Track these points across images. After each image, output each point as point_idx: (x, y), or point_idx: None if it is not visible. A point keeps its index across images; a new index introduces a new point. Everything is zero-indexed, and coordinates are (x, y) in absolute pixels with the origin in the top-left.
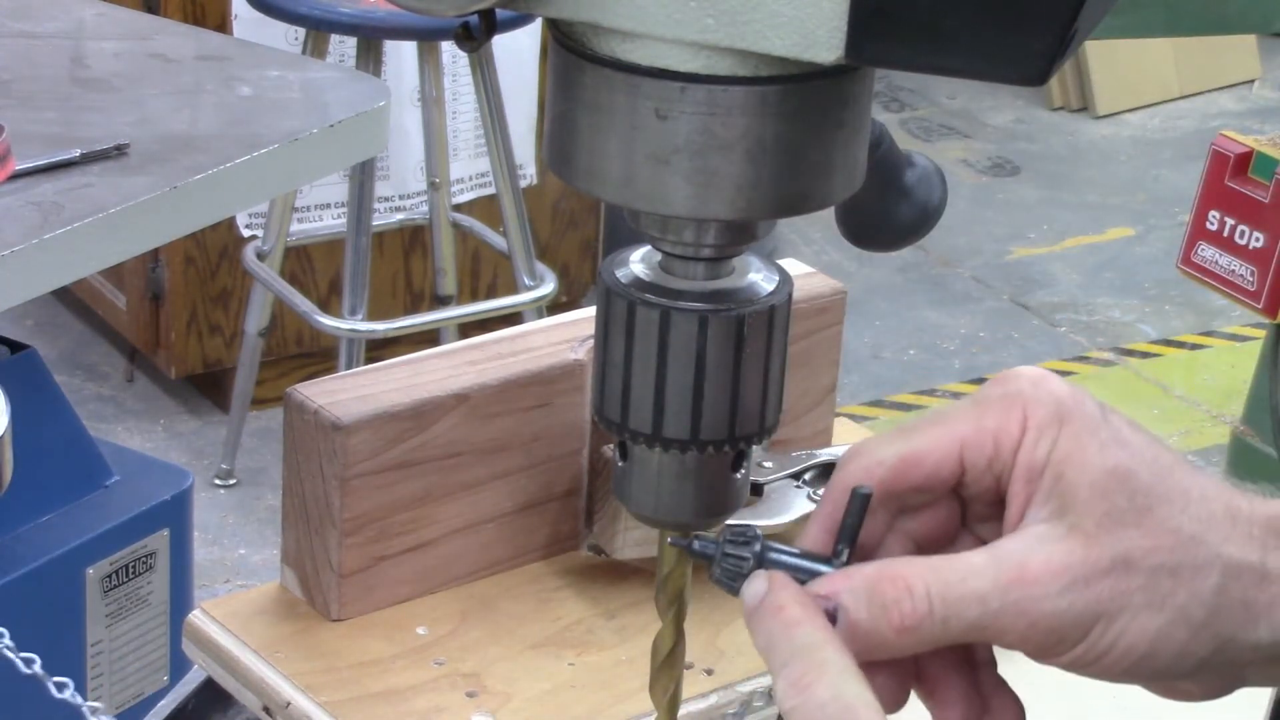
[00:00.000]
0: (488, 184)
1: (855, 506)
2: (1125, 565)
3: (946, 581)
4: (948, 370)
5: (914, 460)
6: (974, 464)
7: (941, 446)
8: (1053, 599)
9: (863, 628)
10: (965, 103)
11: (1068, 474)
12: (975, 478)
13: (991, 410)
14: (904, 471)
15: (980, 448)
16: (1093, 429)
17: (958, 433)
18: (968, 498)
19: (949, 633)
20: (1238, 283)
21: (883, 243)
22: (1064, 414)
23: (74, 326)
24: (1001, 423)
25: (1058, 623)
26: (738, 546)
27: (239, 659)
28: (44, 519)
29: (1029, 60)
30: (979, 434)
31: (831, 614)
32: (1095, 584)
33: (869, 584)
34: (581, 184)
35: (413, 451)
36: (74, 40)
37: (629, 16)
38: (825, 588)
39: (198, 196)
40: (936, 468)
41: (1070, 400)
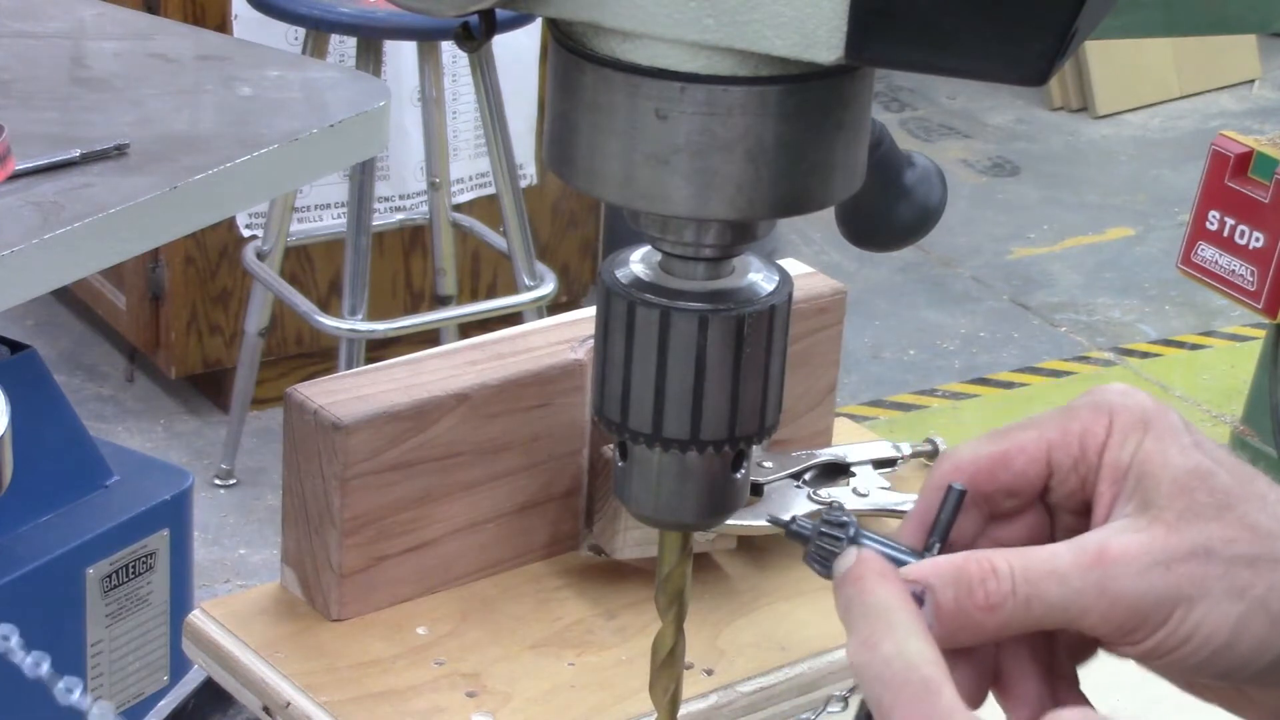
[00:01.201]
0: (488, 184)
1: (949, 502)
2: (1205, 553)
3: (1029, 562)
4: (948, 370)
5: (1003, 460)
6: (1060, 465)
7: (1030, 448)
8: (1133, 578)
9: (948, 608)
10: (965, 103)
11: (1151, 471)
12: (1061, 479)
13: (1079, 415)
14: (993, 471)
15: (1067, 449)
16: (1175, 434)
17: (1046, 435)
18: (1054, 506)
19: (1032, 613)
20: (1238, 283)
21: (883, 243)
22: (1149, 420)
23: (74, 326)
24: (1088, 426)
25: (1139, 602)
26: (833, 528)
27: (239, 659)
28: (44, 519)
29: (1029, 60)
30: (1066, 436)
31: (919, 597)
32: (1176, 568)
33: (955, 566)
34: (581, 184)
35: (413, 451)
36: (74, 40)
37: (629, 16)
38: (914, 573)
39: (198, 196)
40: (1025, 469)
41: (1155, 409)
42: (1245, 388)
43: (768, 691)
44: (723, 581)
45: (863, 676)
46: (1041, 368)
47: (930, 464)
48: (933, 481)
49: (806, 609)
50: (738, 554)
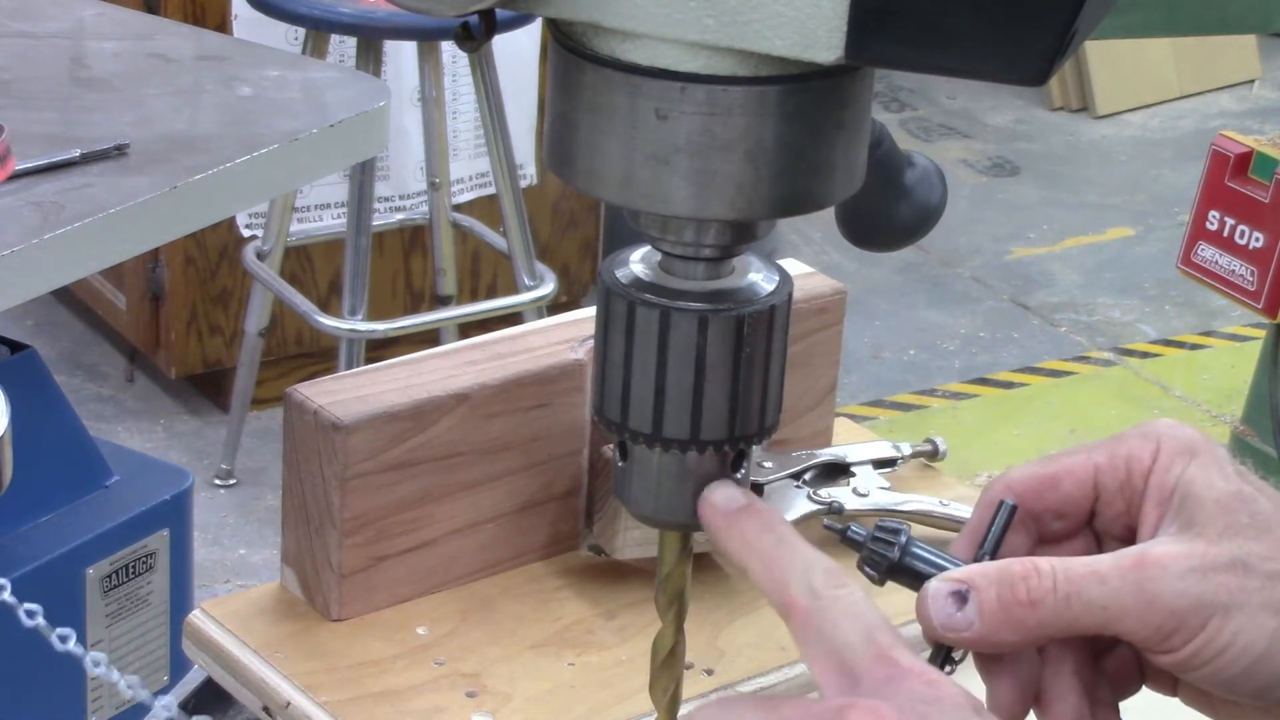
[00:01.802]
0: (488, 184)
1: (999, 517)
2: (1243, 566)
3: (1071, 564)
4: (948, 370)
5: (1052, 481)
6: (1106, 488)
7: (1078, 471)
8: (1172, 581)
9: (990, 605)
10: (965, 103)
11: (1195, 493)
12: (1108, 502)
13: (1127, 442)
14: (1041, 492)
15: (1114, 472)
16: (1220, 463)
17: (1094, 459)
18: (1101, 532)
19: (1071, 610)
20: (1238, 283)
21: (883, 243)
22: (1195, 448)
23: (74, 326)
24: (1135, 451)
25: (1175, 604)
26: (887, 534)
27: (239, 659)
28: (44, 519)
29: (1029, 60)
30: (1113, 460)
31: (962, 595)
32: (1213, 576)
33: (1000, 566)
34: (581, 184)
35: (413, 451)
36: (74, 40)
37: (629, 16)
38: (958, 574)
39: (198, 196)
40: (1073, 490)
41: (1201, 440)
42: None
43: (768, 691)
44: (723, 581)
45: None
46: (1041, 368)
47: (930, 464)
48: (985, 499)
49: None
50: None
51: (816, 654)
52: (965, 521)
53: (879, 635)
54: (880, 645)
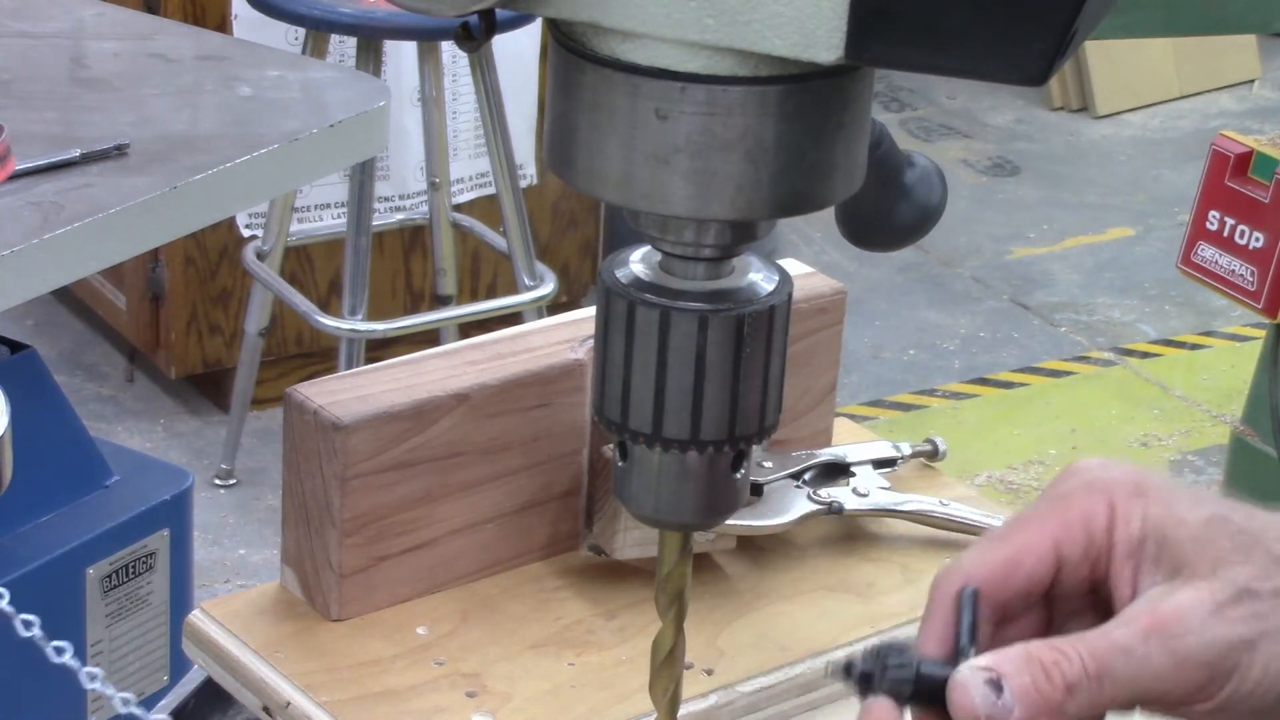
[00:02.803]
0: (488, 184)
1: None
2: (1249, 594)
3: (1090, 641)
4: (948, 370)
5: (1013, 565)
6: (1069, 557)
7: (1036, 547)
8: (1195, 633)
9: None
10: (965, 103)
11: (1168, 534)
12: (1071, 570)
13: (1074, 502)
14: (1006, 578)
15: (1073, 540)
16: (1172, 491)
17: (1048, 530)
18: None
19: (1105, 690)
20: (1238, 283)
21: (883, 243)
22: (1142, 486)
23: (74, 326)
24: (1087, 509)
25: (1206, 655)
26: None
27: (239, 659)
28: (44, 519)
29: (1029, 60)
30: (1067, 527)
31: (997, 683)
32: (1228, 612)
33: (1022, 652)
34: (581, 184)
35: (413, 451)
36: (74, 40)
37: (629, 16)
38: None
39: (198, 196)
40: (1035, 569)
41: (1141, 474)
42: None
43: (768, 691)
44: (723, 581)
45: None
46: (1041, 368)
47: (930, 464)
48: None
49: (806, 609)
50: (738, 554)
51: None
52: (966, 522)
53: None
54: None
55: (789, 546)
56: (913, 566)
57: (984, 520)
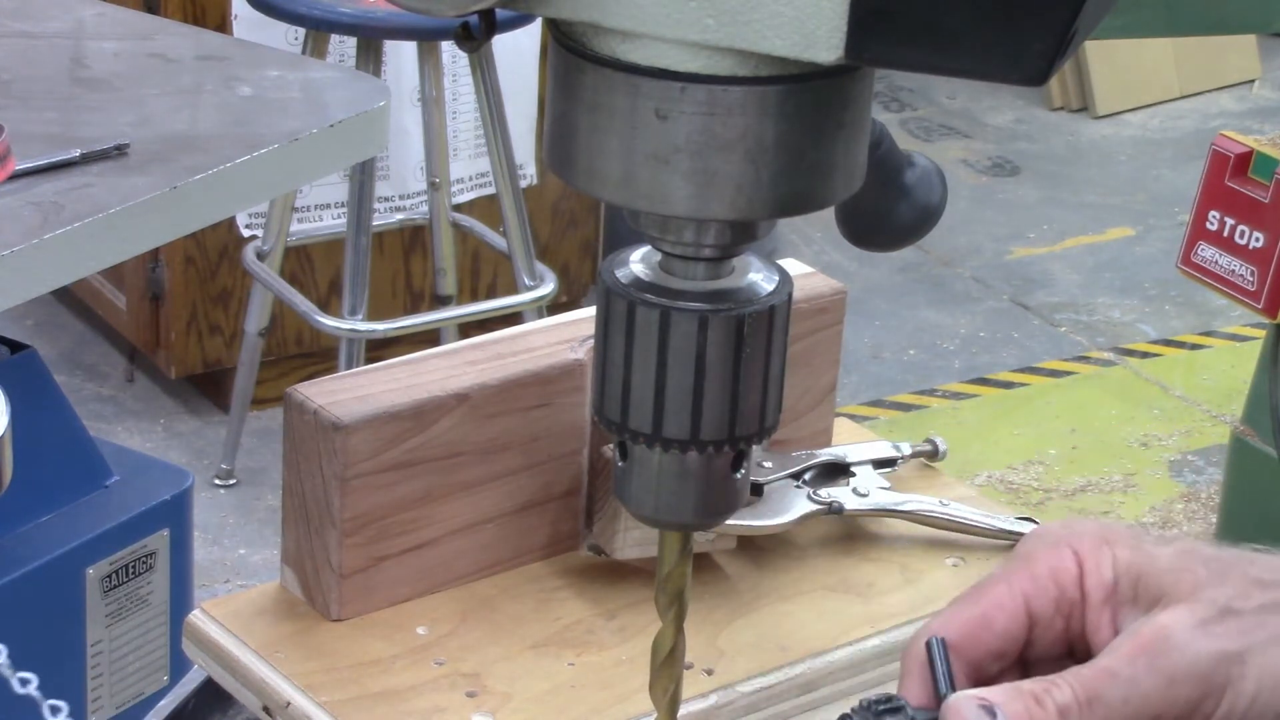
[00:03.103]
0: (488, 184)
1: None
2: (1231, 611)
3: (1077, 671)
4: (948, 370)
5: (983, 622)
6: (1041, 612)
7: (1007, 605)
8: (1180, 649)
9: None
10: (965, 103)
11: (1142, 570)
12: (1045, 628)
13: (1039, 558)
14: (977, 635)
15: (1044, 594)
16: (1138, 536)
17: (1016, 587)
18: (1032, 662)
19: (1097, 716)
20: (1238, 283)
21: (883, 243)
22: (1108, 535)
23: (74, 326)
24: (1054, 564)
25: (1195, 669)
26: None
27: (239, 659)
28: (44, 519)
29: (1029, 60)
30: (1036, 581)
31: (989, 709)
32: (1212, 628)
33: (1011, 687)
34: (581, 184)
35: (413, 451)
36: (74, 40)
37: (629, 16)
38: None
39: (198, 196)
40: (1007, 626)
41: (1105, 525)
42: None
43: (768, 691)
44: (723, 581)
45: None
46: (1041, 368)
47: (930, 464)
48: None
49: (806, 609)
50: (738, 554)
51: None
52: (966, 522)
53: None
54: None
55: (789, 546)
56: (913, 566)
57: (984, 520)
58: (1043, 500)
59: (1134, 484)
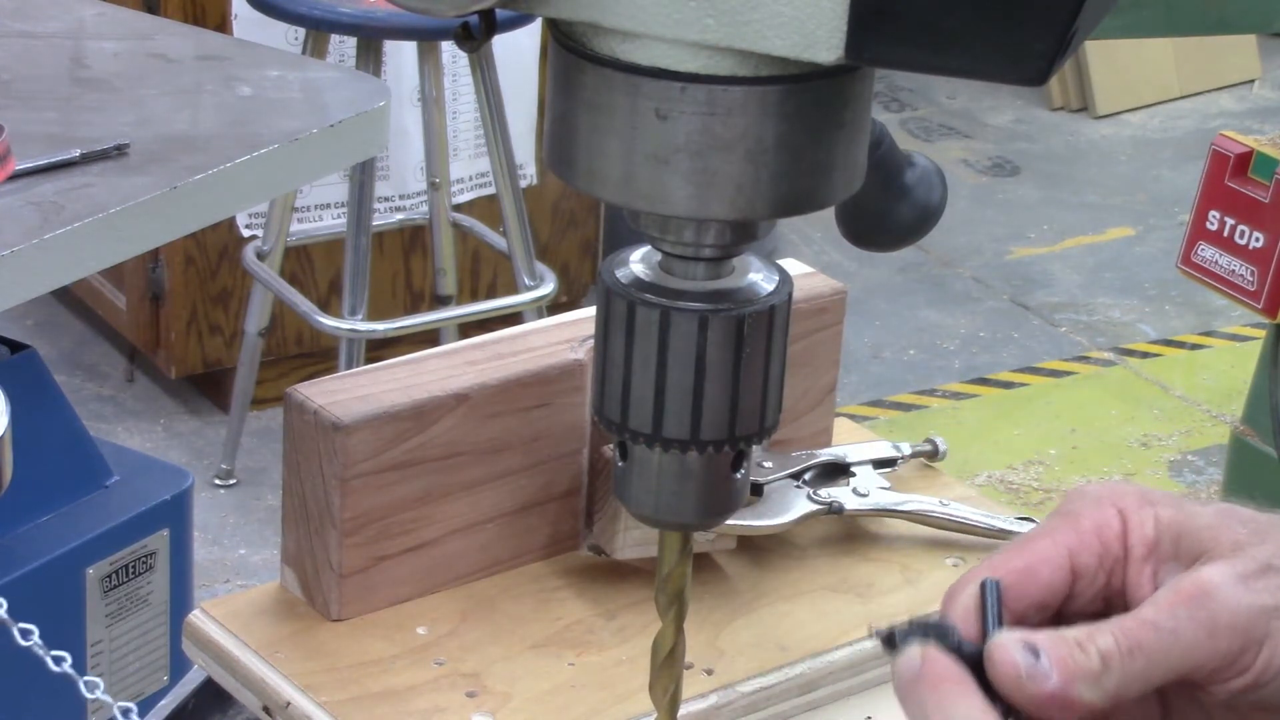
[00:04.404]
0: (488, 184)
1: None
2: (1272, 568)
3: (1119, 621)
4: (948, 370)
5: (1029, 574)
6: (1085, 566)
7: (1051, 557)
8: (1221, 602)
9: (1063, 659)
10: (965, 103)
11: (1185, 528)
12: (1088, 582)
13: (1084, 514)
14: (1022, 587)
15: (1088, 548)
16: (1178, 497)
17: (1062, 541)
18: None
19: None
20: (1238, 283)
21: (883, 243)
22: (1150, 496)
23: (74, 326)
24: (1099, 520)
25: (1235, 621)
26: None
27: (239, 659)
28: (44, 519)
29: (1029, 60)
30: (1082, 536)
31: (1034, 649)
32: (1253, 583)
33: (1054, 633)
34: (581, 184)
35: (413, 451)
36: (74, 40)
37: (629, 17)
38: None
39: (198, 196)
40: (1051, 578)
41: (1148, 488)
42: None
43: (768, 691)
44: (723, 581)
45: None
46: (1041, 368)
47: (930, 464)
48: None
49: (806, 609)
50: (738, 554)
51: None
52: (966, 522)
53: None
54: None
55: (789, 546)
56: (913, 566)
57: (984, 520)
58: (1043, 500)
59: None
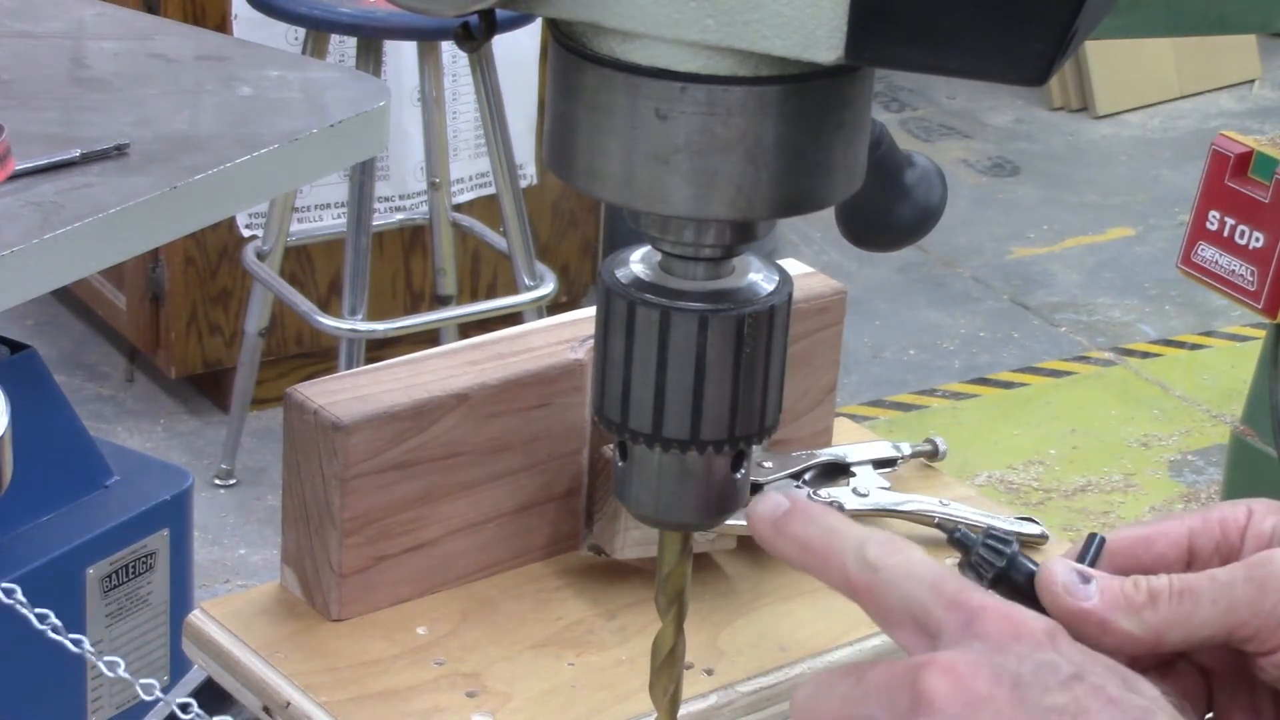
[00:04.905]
0: (488, 184)
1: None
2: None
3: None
4: (948, 370)
5: (1146, 542)
6: (1201, 550)
7: (1172, 533)
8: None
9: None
10: (965, 103)
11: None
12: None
13: (1219, 507)
14: (1135, 551)
15: (1208, 533)
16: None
17: (1186, 522)
18: None
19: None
20: (1238, 283)
21: (883, 243)
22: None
23: (74, 326)
24: (1227, 513)
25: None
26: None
27: (239, 659)
28: (44, 519)
29: (1029, 60)
30: (1207, 523)
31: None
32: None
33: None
34: (581, 184)
35: (413, 451)
36: (74, 40)
37: (629, 17)
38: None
39: (198, 196)
40: (1166, 551)
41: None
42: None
43: (768, 691)
44: (723, 581)
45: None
46: (1041, 368)
47: (930, 464)
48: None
49: (806, 609)
50: (738, 554)
51: (892, 624)
52: (966, 522)
53: (945, 585)
54: (947, 593)
55: None
56: None
57: (984, 520)
58: (1043, 500)
59: (1134, 484)
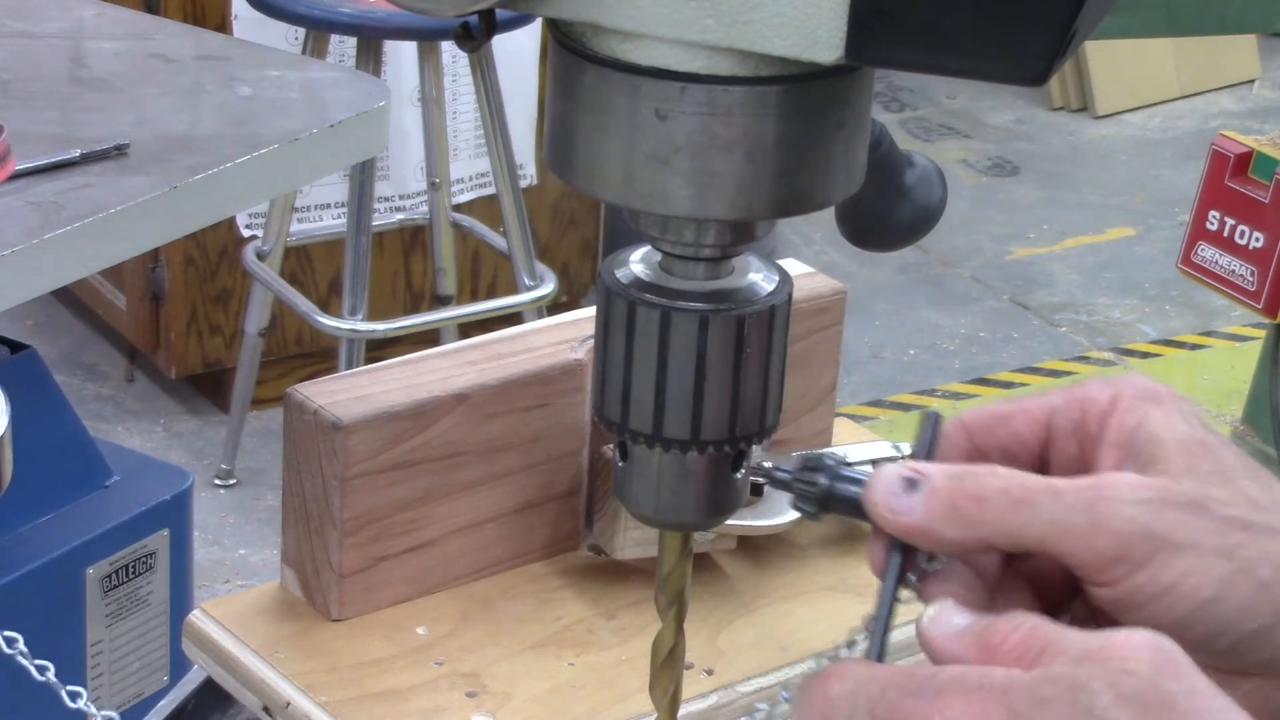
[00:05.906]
0: (488, 184)
1: (927, 425)
2: (1200, 507)
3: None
4: (948, 370)
5: (1003, 419)
6: (1060, 428)
7: (1032, 410)
8: (1122, 506)
9: (937, 496)
10: (965, 103)
11: (1157, 435)
12: (1060, 445)
13: (1086, 386)
14: (992, 427)
15: (1068, 413)
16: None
17: (1048, 401)
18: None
19: (1016, 517)
20: (1238, 283)
21: (883, 243)
22: (1158, 395)
23: (74, 326)
24: (1092, 394)
25: (1122, 530)
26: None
27: (239, 659)
28: (44, 519)
29: (1029, 60)
30: (1069, 403)
31: (913, 483)
32: (1167, 512)
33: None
34: (581, 184)
35: (413, 451)
36: (74, 40)
37: (629, 17)
38: (916, 464)
39: (198, 196)
40: (1023, 428)
41: (1167, 390)
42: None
43: (768, 691)
44: (723, 581)
45: None
46: (1041, 368)
47: None
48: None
49: (806, 609)
50: (738, 554)
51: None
52: None
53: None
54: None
55: (789, 546)
56: None
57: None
58: None
59: None
